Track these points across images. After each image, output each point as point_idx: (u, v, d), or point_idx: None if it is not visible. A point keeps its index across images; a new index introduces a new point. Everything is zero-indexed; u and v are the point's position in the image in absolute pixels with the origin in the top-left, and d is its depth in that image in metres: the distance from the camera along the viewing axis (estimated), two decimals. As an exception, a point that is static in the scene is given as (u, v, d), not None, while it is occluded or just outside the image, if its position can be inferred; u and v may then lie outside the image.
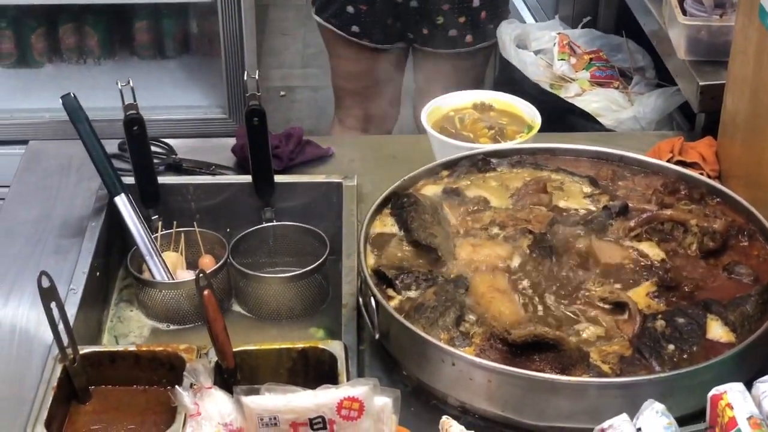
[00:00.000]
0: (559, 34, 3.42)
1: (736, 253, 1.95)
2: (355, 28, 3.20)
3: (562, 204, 2.09)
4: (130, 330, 2.15)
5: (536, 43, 3.43)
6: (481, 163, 2.19)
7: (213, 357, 1.77)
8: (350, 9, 3.17)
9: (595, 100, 3.11)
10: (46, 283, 1.68)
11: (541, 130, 2.35)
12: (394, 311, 1.78)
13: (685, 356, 1.72)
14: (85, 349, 1.82)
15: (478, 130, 2.38)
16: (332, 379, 1.78)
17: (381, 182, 2.19)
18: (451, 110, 2.44)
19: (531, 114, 2.40)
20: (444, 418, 1.53)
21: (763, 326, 1.73)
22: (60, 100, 2.17)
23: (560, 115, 3.10)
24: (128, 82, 2.15)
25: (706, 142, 2.41)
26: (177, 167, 2.44)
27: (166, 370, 1.83)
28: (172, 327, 2.15)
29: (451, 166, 2.18)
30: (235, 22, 3.53)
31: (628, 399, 1.60)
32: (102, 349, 1.88)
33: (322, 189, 2.35)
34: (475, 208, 2.07)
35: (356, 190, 2.31)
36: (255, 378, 1.78)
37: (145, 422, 1.79)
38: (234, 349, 1.75)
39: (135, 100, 2.16)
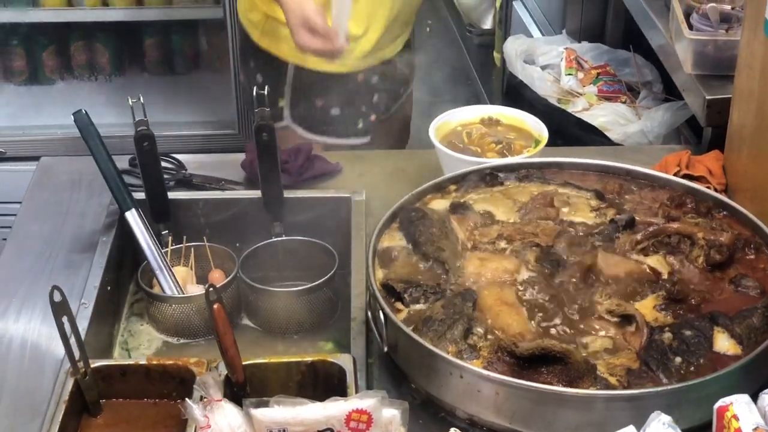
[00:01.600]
0: (566, 48, 3.43)
1: (743, 266, 1.96)
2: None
3: (569, 218, 2.10)
4: (140, 344, 2.16)
5: (543, 58, 3.45)
6: (488, 177, 2.20)
7: (223, 370, 1.78)
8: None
9: (602, 115, 3.13)
10: (57, 298, 1.70)
11: (548, 145, 2.37)
12: (403, 324, 1.80)
13: (692, 368, 1.73)
14: (96, 363, 1.83)
15: (486, 144, 2.40)
16: (341, 392, 1.79)
17: (389, 197, 2.20)
18: (459, 125, 2.45)
19: (538, 128, 2.41)
20: (452, 430, 1.54)
21: (770, 338, 1.74)
22: (72, 117, 2.19)
23: (568, 130, 3.11)
24: (139, 99, 2.17)
25: (713, 156, 2.42)
26: (187, 182, 2.46)
27: (177, 384, 1.84)
28: (182, 341, 2.17)
29: (458, 180, 2.20)
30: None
31: (636, 411, 1.61)
32: (113, 363, 1.89)
33: (330, 204, 2.36)
34: (483, 222, 2.08)
35: (365, 204, 2.32)
36: (264, 391, 1.79)
37: (155, 435, 1.81)
38: (244, 363, 1.77)
39: (145, 116, 2.18)
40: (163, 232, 2.28)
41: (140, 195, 2.25)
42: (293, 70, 2.75)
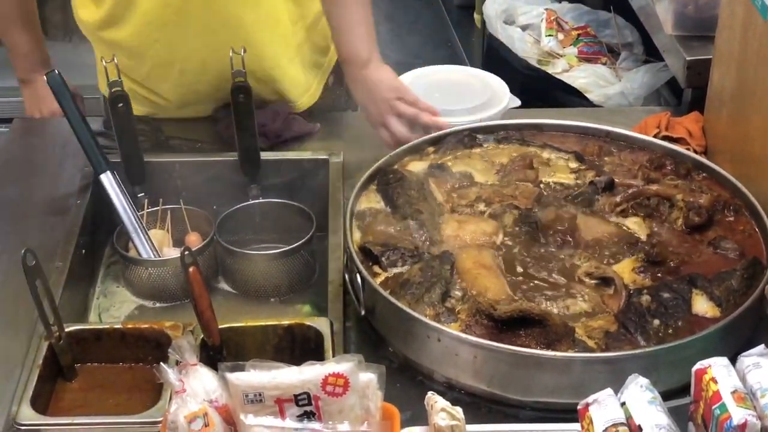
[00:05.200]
0: (546, 9, 3.41)
1: (722, 228, 1.96)
2: None
3: (548, 180, 2.09)
4: (116, 307, 2.14)
5: (523, 18, 3.43)
6: (467, 139, 2.18)
7: (199, 334, 1.77)
8: None
9: (582, 76, 3.12)
10: (30, 261, 1.68)
11: (528, 106, 2.35)
12: (380, 287, 1.78)
13: (670, 331, 1.72)
14: (70, 327, 1.82)
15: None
16: (318, 355, 1.78)
17: (367, 158, 2.18)
18: None
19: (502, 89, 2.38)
20: (429, 394, 1.53)
21: (748, 301, 1.73)
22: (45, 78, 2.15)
23: (548, 91, 3.10)
24: (112, 59, 2.14)
25: (692, 118, 2.41)
26: (163, 144, 2.42)
27: (152, 348, 1.83)
28: (158, 304, 2.14)
29: (437, 142, 2.18)
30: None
31: (614, 374, 1.60)
32: (88, 327, 1.87)
33: (308, 166, 2.34)
34: (461, 184, 2.07)
35: (342, 166, 2.30)
36: (241, 355, 1.78)
37: (131, 400, 1.79)
38: (220, 326, 1.75)
39: (119, 77, 2.15)
40: (138, 195, 2.25)
41: (116, 157, 2.22)
42: None
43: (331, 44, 2.57)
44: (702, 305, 1.77)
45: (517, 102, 2.35)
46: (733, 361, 1.49)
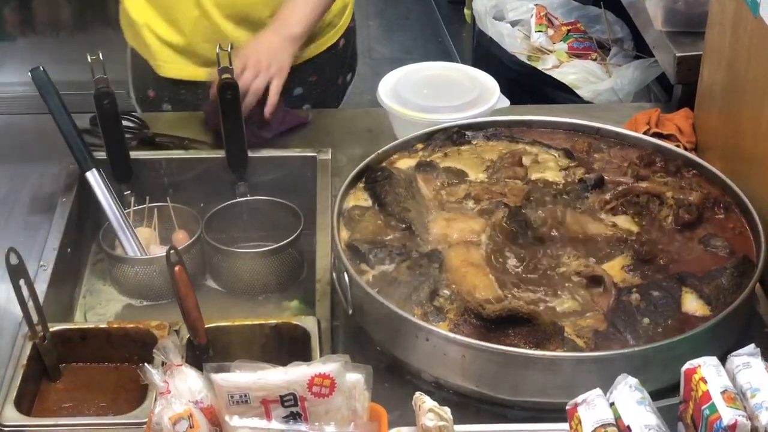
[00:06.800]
0: (536, 5, 3.40)
1: (712, 225, 1.95)
2: None
3: (537, 177, 2.07)
4: (102, 306, 2.13)
5: (513, 14, 3.42)
6: (456, 136, 2.17)
7: (185, 333, 1.76)
8: None
9: (572, 72, 3.11)
10: (14, 260, 1.67)
11: (518, 102, 2.33)
12: (367, 286, 1.77)
13: (659, 330, 1.71)
14: (55, 327, 1.80)
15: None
16: (306, 354, 1.77)
17: (356, 156, 2.17)
18: None
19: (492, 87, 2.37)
20: (417, 394, 1.52)
21: (738, 299, 1.72)
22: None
23: (537, 87, 3.09)
24: (98, 55, 2.12)
25: (682, 114, 2.40)
26: (150, 142, 2.41)
27: (138, 347, 1.82)
28: (145, 303, 2.14)
29: (425, 139, 2.16)
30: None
31: (603, 373, 1.59)
32: (72, 327, 1.86)
33: (296, 163, 2.33)
34: (450, 181, 2.05)
35: (330, 163, 2.29)
36: (228, 354, 1.76)
37: (116, 400, 1.78)
38: (207, 325, 1.74)
39: (105, 73, 2.13)
40: (125, 193, 2.24)
41: (102, 155, 2.20)
42: None
43: (316, 39, 2.57)
44: (692, 304, 1.76)
45: (506, 102, 2.33)
46: (723, 360, 1.48)
